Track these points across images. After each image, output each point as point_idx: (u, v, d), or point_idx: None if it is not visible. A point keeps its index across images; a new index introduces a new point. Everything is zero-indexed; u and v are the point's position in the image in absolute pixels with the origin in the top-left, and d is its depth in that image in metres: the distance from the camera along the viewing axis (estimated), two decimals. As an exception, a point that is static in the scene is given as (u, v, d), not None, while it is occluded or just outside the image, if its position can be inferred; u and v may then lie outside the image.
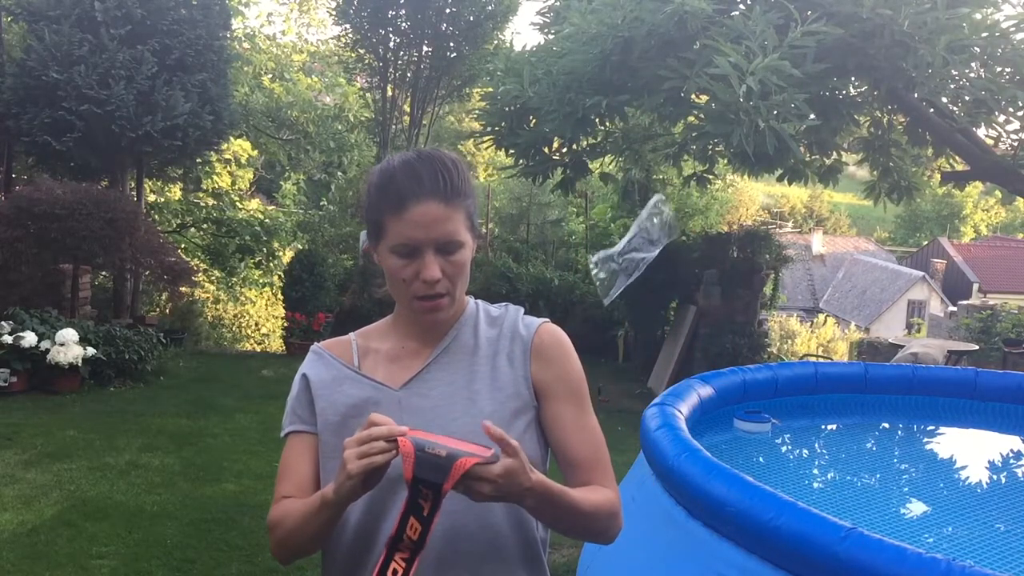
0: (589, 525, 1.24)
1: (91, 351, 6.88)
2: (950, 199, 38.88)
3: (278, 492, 1.38)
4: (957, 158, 7.41)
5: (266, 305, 14.73)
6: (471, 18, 10.54)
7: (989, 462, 4.57)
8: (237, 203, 13.25)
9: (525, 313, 1.38)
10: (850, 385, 4.97)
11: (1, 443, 5.40)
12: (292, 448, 1.36)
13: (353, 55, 11.39)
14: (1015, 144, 6.91)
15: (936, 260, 31.83)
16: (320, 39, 16.35)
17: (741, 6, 6.20)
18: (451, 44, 10.80)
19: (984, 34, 5.67)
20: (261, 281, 14.37)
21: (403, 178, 1.22)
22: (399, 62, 10.98)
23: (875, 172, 7.89)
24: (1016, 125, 6.69)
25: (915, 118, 6.88)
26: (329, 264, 10.30)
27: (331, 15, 11.80)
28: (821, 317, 23.21)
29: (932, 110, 6.76)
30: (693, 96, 6.11)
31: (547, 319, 1.37)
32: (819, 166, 7.75)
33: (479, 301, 1.38)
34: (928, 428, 5.16)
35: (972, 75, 6.01)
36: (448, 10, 10.49)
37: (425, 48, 10.92)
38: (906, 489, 4.14)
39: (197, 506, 4.54)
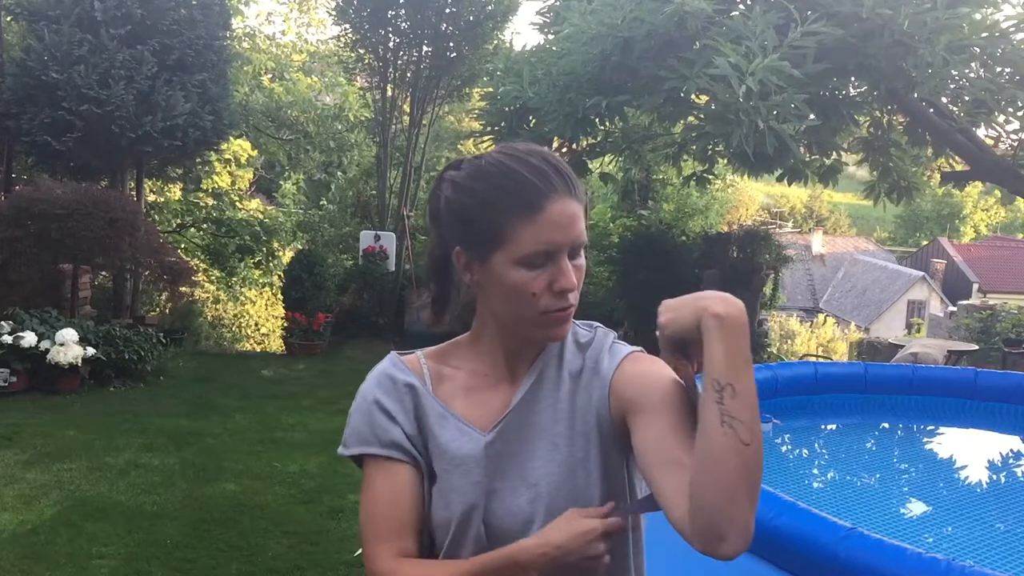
0: None
1: (91, 351, 6.87)
2: (950, 199, 38.88)
3: (382, 548, 1.12)
4: (957, 158, 7.41)
5: (266, 305, 14.73)
6: (471, 18, 10.53)
7: (989, 462, 4.57)
8: (237, 203, 13.25)
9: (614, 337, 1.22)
10: (850, 385, 4.97)
11: (1, 443, 5.40)
12: (392, 479, 1.14)
13: (353, 55, 11.38)
14: (1015, 144, 6.91)
15: (936, 260, 31.82)
16: (320, 39, 16.34)
17: (741, 6, 6.20)
18: (451, 44, 10.79)
19: (984, 34, 5.67)
20: (261, 281, 14.36)
21: (529, 174, 1.08)
22: (399, 62, 10.98)
23: (875, 172, 7.89)
24: (1016, 125, 6.69)
25: (915, 118, 6.88)
26: (329, 264, 10.29)
27: (331, 15, 11.80)
28: (821, 317, 23.22)
29: (932, 110, 6.77)
30: (693, 96, 6.11)
31: (637, 349, 1.20)
32: (819, 166, 7.75)
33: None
34: (928, 428, 5.16)
35: (972, 75, 6.01)
36: (448, 10, 10.48)
37: (425, 48, 10.91)
38: (906, 489, 4.14)
39: (197, 506, 4.54)
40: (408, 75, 10.97)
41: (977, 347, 10.60)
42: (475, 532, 1.12)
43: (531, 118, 6.81)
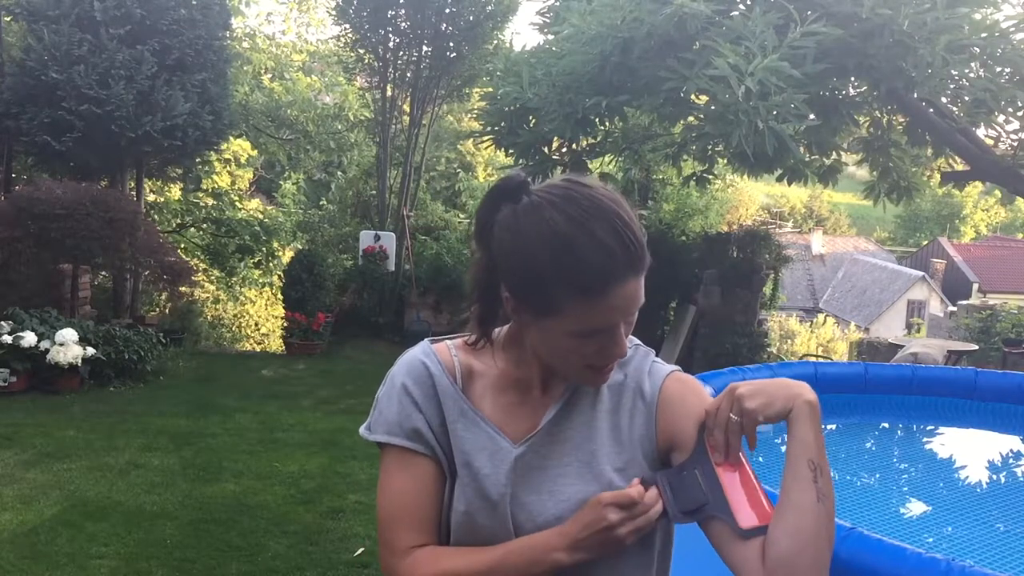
0: None
1: (91, 351, 6.88)
2: (950, 199, 38.90)
3: (399, 540, 1.11)
4: (957, 158, 7.41)
5: (266, 305, 14.73)
6: (471, 18, 10.53)
7: (989, 462, 4.57)
8: (237, 203, 13.26)
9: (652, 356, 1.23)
10: (850, 385, 4.97)
11: (1, 443, 5.40)
12: (412, 472, 1.13)
13: (353, 55, 11.38)
14: (1015, 144, 6.91)
15: (936, 260, 31.84)
16: (320, 39, 16.34)
17: (741, 6, 6.20)
18: (451, 44, 10.79)
19: (984, 34, 5.66)
20: (261, 281, 14.36)
21: (596, 255, 1.00)
22: (399, 62, 10.98)
23: (875, 172, 7.89)
24: (1016, 125, 6.69)
25: (915, 118, 6.88)
26: (329, 264, 10.30)
27: (330, 15, 11.80)
28: (821, 317, 23.20)
29: (932, 110, 6.76)
30: (693, 97, 6.11)
31: (676, 368, 1.20)
32: (819, 166, 7.75)
33: None
34: (928, 428, 5.16)
35: (972, 75, 6.00)
36: (448, 10, 10.48)
37: (425, 48, 10.91)
38: (906, 489, 4.14)
39: (197, 506, 4.54)
40: (408, 75, 10.97)
41: (977, 347, 10.61)
42: (491, 534, 1.11)
43: (531, 118, 6.81)
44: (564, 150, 7.45)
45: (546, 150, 7.31)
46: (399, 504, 1.12)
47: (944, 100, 6.66)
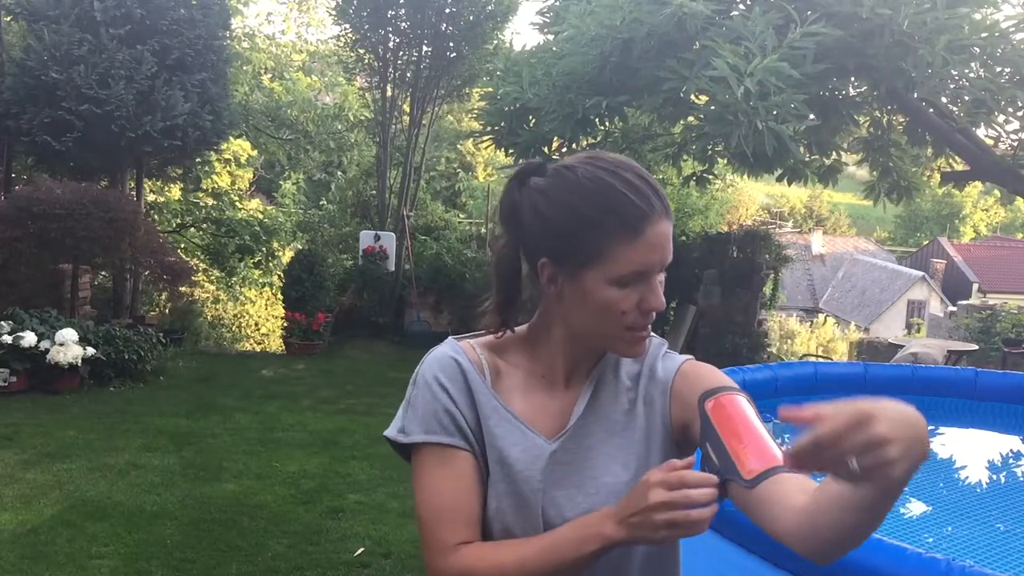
0: None
1: (91, 351, 6.87)
2: (950, 199, 38.88)
3: (447, 538, 1.09)
4: (957, 158, 7.41)
5: (266, 305, 14.72)
6: (471, 18, 10.53)
7: (989, 462, 4.57)
8: (237, 203, 13.25)
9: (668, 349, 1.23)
10: (850, 385, 4.98)
11: (1, 443, 5.40)
12: (454, 469, 1.12)
13: (352, 55, 11.38)
14: (1015, 144, 6.91)
15: (936, 260, 31.83)
16: (320, 39, 16.33)
17: (740, 7, 6.20)
18: (451, 44, 10.79)
19: (984, 34, 5.66)
20: (261, 281, 14.36)
21: (632, 195, 1.06)
22: (399, 62, 10.98)
23: (875, 172, 7.89)
24: (1016, 125, 6.70)
25: (915, 118, 6.88)
26: (329, 264, 10.29)
27: (330, 15, 11.80)
28: (821, 317, 23.20)
29: (932, 110, 6.77)
30: (693, 97, 6.11)
31: (690, 357, 1.21)
32: (819, 166, 7.75)
33: None
34: (928, 428, 5.16)
35: (972, 75, 6.01)
36: (448, 10, 10.48)
37: (425, 48, 10.91)
38: (906, 489, 4.14)
39: (197, 506, 4.54)
40: (408, 75, 10.97)
41: (977, 347, 10.61)
42: (522, 533, 1.10)
43: (531, 118, 6.82)
44: (564, 150, 7.45)
45: (546, 150, 7.31)
46: (443, 502, 1.10)
47: (944, 100, 6.66)
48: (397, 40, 10.84)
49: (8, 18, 8.98)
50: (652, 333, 1.18)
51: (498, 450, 1.12)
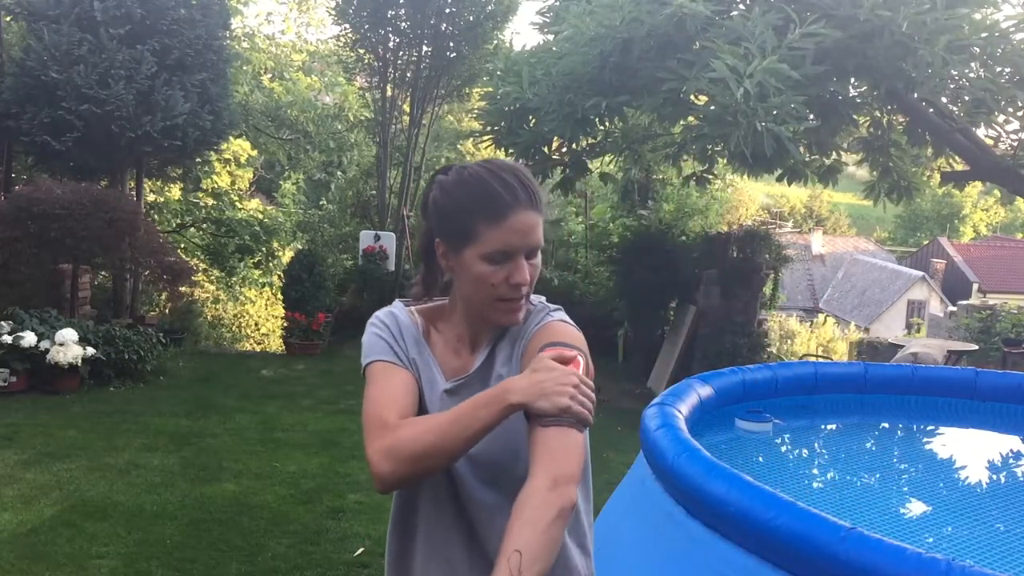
0: None
1: (91, 351, 6.87)
2: (950, 199, 38.93)
3: (386, 418, 1.30)
4: (957, 158, 7.41)
5: (266, 305, 14.73)
6: (471, 18, 10.54)
7: (989, 462, 4.57)
8: (237, 203, 13.25)
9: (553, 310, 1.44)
10: (850, 385, 4.97)
11: (1, 443, 5.40)
12: (395, 377, 1.36)
13: (352, 55, 11.38)
14: (1015, 144, 6.91)
15: (936, 260, 31.84)
16: (319, 39, 16.35)
17: (740, 7, 6.20)
18: (451, 44, 10.79)
19: (984, 34, 5.66)
20: (261, 281, 14.37)
21: (500, 188, 1.29)
22: (399, 62, 10.98)
23: (875, 172, 7.89)
24: (1016, 125, 6.69)
25: (915, 118, 6.89)
26: (329, 264, 10.30)
27: (330, 15, 11.80)
28: (821, 317, 23.19)
29: (932, 110, 6.77)
30: (692, 97, 6.11)
31: (560, 319, 1.41)
32: (818, 166, 7.75)
33: (539, 299, 1.44)
34: (928, 428, 5.16)
35: (972, 75, 6.01)
36: (448, 10, 10.49)
37: (425, 48, 10.92)
38: (906, 489, 4.13)
39: (197, 506, 4.54)
40: (408, 75, 10.97)
41: (977, 347, 10.62)
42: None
43: (531, 118, 6.81)
44: (564, 150, 7.45)
45: (546, 150, 7.31)
46: (385, 396, 1.32)
47: (944, 100, 6.66)
48: (397, 40, 10.85)
49: (8, 18, 8.97)
50: (547, 304, 1.43)
51: (419, 381, 1.38)
